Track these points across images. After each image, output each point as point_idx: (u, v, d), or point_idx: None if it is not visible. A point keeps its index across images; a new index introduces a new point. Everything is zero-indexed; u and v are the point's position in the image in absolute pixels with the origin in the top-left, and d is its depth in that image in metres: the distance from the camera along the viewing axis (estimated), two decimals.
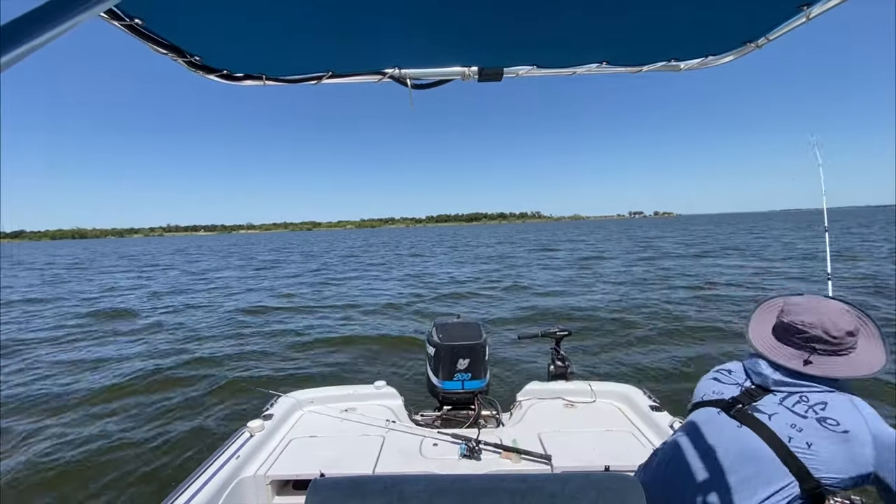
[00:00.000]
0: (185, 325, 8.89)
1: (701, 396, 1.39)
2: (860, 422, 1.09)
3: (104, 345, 7.61)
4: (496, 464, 1.98)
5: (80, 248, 73.82)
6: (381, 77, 1.32)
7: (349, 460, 2.04)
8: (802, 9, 1.04)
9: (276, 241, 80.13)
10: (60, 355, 6.98)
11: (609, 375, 4.93)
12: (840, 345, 1.22)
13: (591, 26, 1.15)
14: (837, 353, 1.22)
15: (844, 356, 1.22)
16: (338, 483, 0.98)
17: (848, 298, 1.38)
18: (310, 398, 2.67)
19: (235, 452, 2.03)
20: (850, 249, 17.40)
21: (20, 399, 5.08)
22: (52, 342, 7.90)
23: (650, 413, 2.28)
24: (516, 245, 35.20)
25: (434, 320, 2.87)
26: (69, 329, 8.94)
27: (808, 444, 1.10)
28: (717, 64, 1.39)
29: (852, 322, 1.24)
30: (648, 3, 1.04)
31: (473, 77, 1.33)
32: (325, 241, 66.34)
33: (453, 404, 2.64)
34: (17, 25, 0.31)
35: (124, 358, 6.64)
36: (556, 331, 2.97)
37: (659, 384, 4.66)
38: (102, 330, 8.80)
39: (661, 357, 5.59)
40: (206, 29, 1.04)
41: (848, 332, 1.22)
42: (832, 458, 1.07)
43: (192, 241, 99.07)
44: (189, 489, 1.74)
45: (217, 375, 5.61)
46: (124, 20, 0.92)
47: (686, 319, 7.47)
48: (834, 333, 1.21)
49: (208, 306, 11.09)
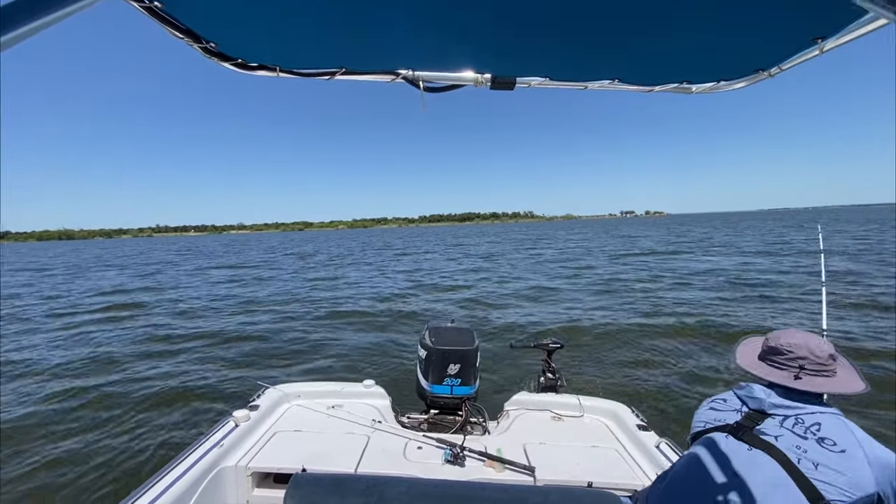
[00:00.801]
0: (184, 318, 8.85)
1: (703, 425, 1.40)
2: (854, 442, 1.13)
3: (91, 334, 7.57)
4: (479, 472, 1.97)
5: (68, 249, 71.79)
6: (394, 77, 1.33)
7: (332, 457, 2.03)
8: (816, 41, 1.05)
9: (271, 241, 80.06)
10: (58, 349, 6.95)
11: (602, 389, 4.92)
12: (824, 366, 1.31)
13: (605, 44, 1.16)
14: (822, 374, 1.31)
15: (827, 377, 1.31)
16: (319, 479, 0.98)
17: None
18: (297, 392, 2.66)
19: (219, 441, 2.02)
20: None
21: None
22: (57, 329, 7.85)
23: (637, 432, 2.27)
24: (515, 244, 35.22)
25: (428, 323, 2.87)
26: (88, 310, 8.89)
27: (815, 465, 1.11)
28: (728, 89, 1.40)
29: (832, 348, 1.34)
30: (663, 26, 1.05)
31: (486, 84, 1.34)
32: (318, 241, 66.30)
33: (441, 408, 2.63)
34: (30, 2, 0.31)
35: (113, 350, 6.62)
36: (548, 342, 2.97)
37: (645, 402, 4.66)
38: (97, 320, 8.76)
39: (651, 374, 5.59)
40: (224, 16, 1.05)
41: (830, 356, 1.32)
42: (836, 478, 1.08)
43: (186, 242, 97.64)
44: (168, 476, 1.72)
45: (201, 367, 5.59)
46: (143, 1, 0.92)
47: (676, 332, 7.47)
48: (818, 353, 1.31)
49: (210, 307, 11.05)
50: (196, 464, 1.84)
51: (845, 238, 24.91)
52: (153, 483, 1.67)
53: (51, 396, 4.57)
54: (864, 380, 1.32)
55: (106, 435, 3.79)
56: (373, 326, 7.97)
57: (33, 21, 0.30)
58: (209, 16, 1.04)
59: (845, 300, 8.65)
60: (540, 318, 8.69)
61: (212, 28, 1.09)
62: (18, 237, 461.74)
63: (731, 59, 1.24)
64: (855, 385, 1.29)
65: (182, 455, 1.87)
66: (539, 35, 1.11)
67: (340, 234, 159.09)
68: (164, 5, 0.95)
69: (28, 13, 0.30)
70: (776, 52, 1.17)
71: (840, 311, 7.82)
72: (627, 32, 1.09)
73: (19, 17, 0.29)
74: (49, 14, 0.31)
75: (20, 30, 0.29)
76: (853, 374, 1.35)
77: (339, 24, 1.10)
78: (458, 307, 9.96)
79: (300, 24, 1.10)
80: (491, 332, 7.64)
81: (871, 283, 10.40)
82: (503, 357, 6.03)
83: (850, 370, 1.37)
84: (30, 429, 3.98)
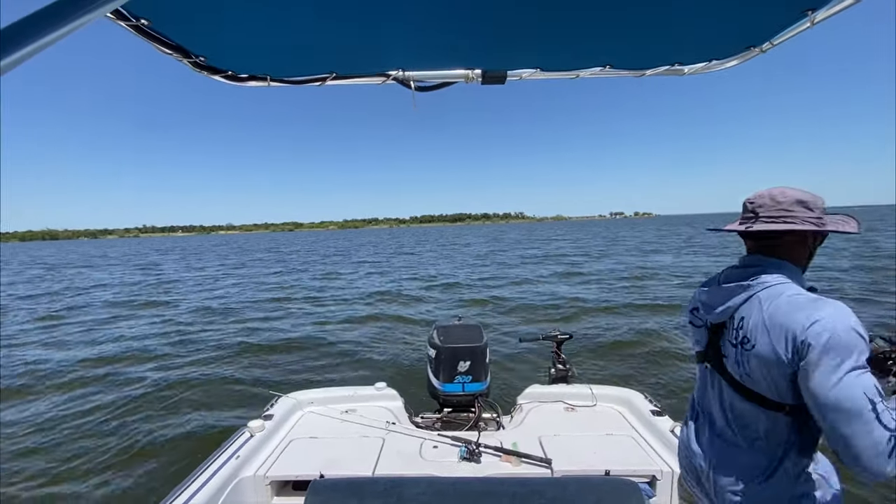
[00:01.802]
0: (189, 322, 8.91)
1: (693, 347, 1.32)
2: (761, 327, 1.03)
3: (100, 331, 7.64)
4: (496, 467, 1.98)
5: (51, 251, 70.33)
6: (384, 79, 1.33)
7: (349, 461, 2.04)
8: (807, 13, 1.04)
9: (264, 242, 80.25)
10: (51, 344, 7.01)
11: (612, 377, 4.91)
12: (786, 212, 1.09)
13: (595, 30, 1.15)
14: (782, 220, 1.09)
15: (788, 223, 1.08)
16: (337, 484, 0.98)
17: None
18: (310, 399, 2.67)
19: (235, 452, 2.03)
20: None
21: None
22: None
23: (651, 418, 2.27)
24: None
25: (435, 322, 2.87)
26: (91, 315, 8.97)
27: (749, 375, 1.06)
28: (720, 68, 1.39)
29: (809, 197, 1.09)
30: (651, 7, 1.04)
31: (477, 80, 1.34)
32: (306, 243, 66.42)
33: (454, 406, 2.64)
34: (25, 25, 0.31)
35: (119, 350, 6.67)
36: (556, 334, 2.97)
37: (659, 387, 4.65)
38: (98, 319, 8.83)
39: (664, 362, 5.58)
40: (211, 30, 1.05)
41: (798, 201, 1.09)
42: (760, 384, 1.04)
43: (175, 243, 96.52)
44: (189, 489, 1.74)
45: (218, 374, 5.62)
46: (131, 20, 0.92)
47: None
48: (780, 199, 1.10)
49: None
50: (215, 475, 1.85)
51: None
52: (174, 497, 1.68)
53: (49, 402, 4.60)
54: (855, 225, 1.11)
55: (112, 448, 3.82)
56: (383, 328, 7.99)
57: (27, 47, 0.30)
58: (197, 30, 1.04)
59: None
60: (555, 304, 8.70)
61: (200, 42, 1.10)
62: (1, 237, 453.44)
63: (722, 37, 1.23)
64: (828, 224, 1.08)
65: (200, 468, 1.88)
66: (527, 26, 1.10)
67: (334, 234, 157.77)
68: (151, 23, 0.96)
69: (21, 38, 0.30)
70: (767, 27, 1.16)
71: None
72: (617, 16, 1.08)
73: (18, 40, 0.30)
74: (42, 38, 0.31)
75: (15, 55, 0.30)
76: (841, 219, 1.13)
77: (327, 31, 1.10)
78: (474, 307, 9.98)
79: (288, 34, 1.10)
80: (499, 328, 7.64)
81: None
82: (512, 351, 6.03)
83: (838, 219, 1.13)
84: (32, 434, 4.02)
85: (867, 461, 0.89)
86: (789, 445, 1.04)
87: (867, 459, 0.89)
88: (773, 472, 1.05)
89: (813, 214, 1.08)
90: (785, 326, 0.98)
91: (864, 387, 0.90)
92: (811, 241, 1.15)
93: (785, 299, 1.02)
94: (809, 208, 1.08)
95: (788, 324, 0.98)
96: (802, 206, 1.08)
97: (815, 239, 1.15)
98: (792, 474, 1.05)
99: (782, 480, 1.05)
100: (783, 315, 1.00)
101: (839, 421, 0.91)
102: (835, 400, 0.90)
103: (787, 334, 0.98)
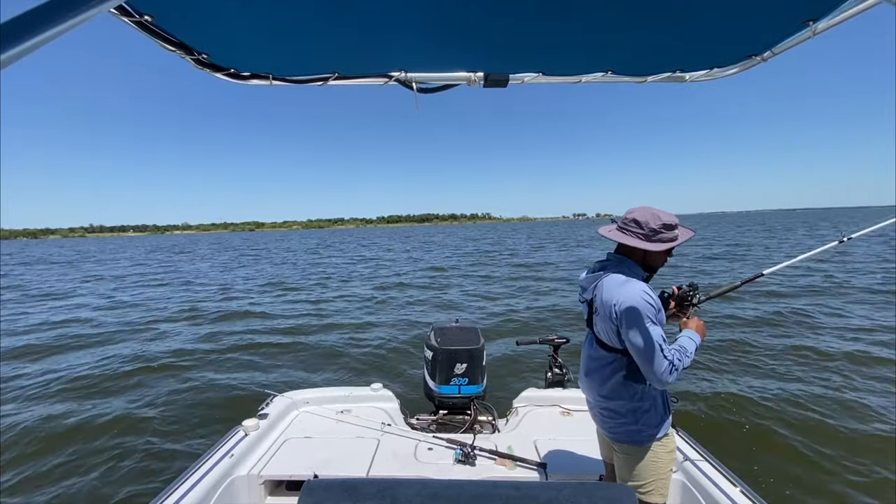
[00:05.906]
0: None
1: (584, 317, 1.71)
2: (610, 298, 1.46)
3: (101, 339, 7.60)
4: (491, 470, 1.97)
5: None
6: (387, 80, 1.33)
7: (343, 462, 2.03)
8: (808, 24, 1.05)
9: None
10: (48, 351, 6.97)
11: None
12: (625, 227, 1.52)
13: (598, 36, 1.15)
14: (647, 238, 1.48)
15: (640, 239, 1.48)
16: (331, 485, 0.98)
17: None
18: (305, 398, 2.66)
19: (229, 451, 2.02)
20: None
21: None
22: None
23: None
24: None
25: (433, 324, 2.87)
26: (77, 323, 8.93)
27: (600, 331, 1.53)
28: (722, 76, 1.40)
29: (646, 217, 1.48)
30: (655, 14, 1.04)
31: (479, 83, 1.34)
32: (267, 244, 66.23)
33: (449, 409, 2.64)
34: (28, 18, 0.31)
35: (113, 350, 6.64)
36: (554, 338, 2.96)
37: None
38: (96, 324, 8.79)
39: None
40: (214, 27, 1.05)
41: (634, 220, 1.50)
42: (604, 332, 1.51)
43: (126, 243, 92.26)
44: (181, 487, 1.73)
45: (212, 374, 5.60)
46: (134, 16, 0.92)
47: None
48: (629, 216, 1.52)
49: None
50: (208, 474, 1.84)
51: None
52: (166, 496, 1.67)
53: (45, 406, 4.58)
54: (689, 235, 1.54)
55: (105, 449, 3.79)
56: (378, 329, 7.97)
57: (28, 41, 0.30)
58: (200, 27, 1.04)
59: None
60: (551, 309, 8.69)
61: (203, 39, 1.10)
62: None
63: (724, 45, 1.23)
64: (649, 245, 1.46)
65: (193, 466, 1.87)
66: (531, 31, 1.11)
67: (303, 234, 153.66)
68: (154, 19, 0.95)
69: (23, 32, 0.30)
70: (769, 36, 1.17)
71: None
72: (620, 22, 1.08)
73: (19, 34, 0.29)
74: (43, 33, 0.31)
75: (15, 49, 0.29)
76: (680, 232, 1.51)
77: (331, 30, 1.10)
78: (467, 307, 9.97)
79: (292, 32, 1.10)
80: (495, 330, 7.64)
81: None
82: (509, 354, 6.02)
83: (687, 233, 1.54)
84: (26, 435, 3.99)
85: (656, 378, 1.39)
86: (627, 374, 1.51)
87: (656, 377, 1.38)
88: (621, 391, 1.52)
89: (642, 231, 1.49)
90: (608, 300, 1.46)
91: (654, 335, 1.37)
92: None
93: (612, 281, 1.49)
94: (641, 226, 1.49)
95: (608, 298, 1.46)
96: (636, 224, 1.50)
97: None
98: (633, 391, 1.51)
99: (626, 395, 1.52)
100: (607, 292, 1.48)
101: (640, 356, 1.40)
102: (636, 344, 1.38)
103: (609, 304, 1.45)
